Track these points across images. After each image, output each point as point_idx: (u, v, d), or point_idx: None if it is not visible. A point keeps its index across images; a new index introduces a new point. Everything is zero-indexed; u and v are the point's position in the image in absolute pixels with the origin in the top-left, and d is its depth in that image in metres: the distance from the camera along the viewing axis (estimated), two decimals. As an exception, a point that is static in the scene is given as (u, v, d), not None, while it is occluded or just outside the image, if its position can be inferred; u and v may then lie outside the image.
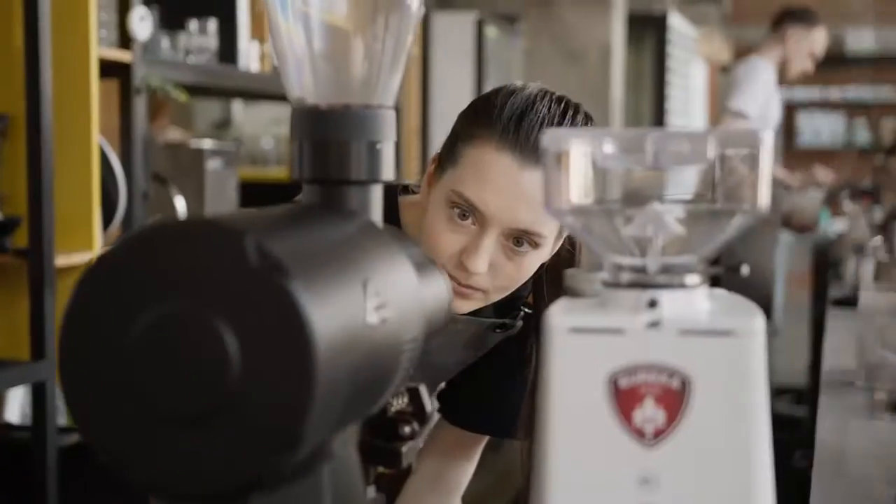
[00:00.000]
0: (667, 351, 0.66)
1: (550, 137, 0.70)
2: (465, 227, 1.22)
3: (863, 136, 9.83)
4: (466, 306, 1.26)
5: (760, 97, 4.39)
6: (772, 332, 5.61)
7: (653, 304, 0.68)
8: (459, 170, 1.22)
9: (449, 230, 1.23)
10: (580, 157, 0.70)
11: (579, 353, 0.67)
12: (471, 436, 1.50)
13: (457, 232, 1.23)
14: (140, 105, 2.55)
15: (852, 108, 9.83)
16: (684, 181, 0.73)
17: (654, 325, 0.67)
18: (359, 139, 0.79)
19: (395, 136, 0.81)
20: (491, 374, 1.43)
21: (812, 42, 4.47)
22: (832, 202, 9.15)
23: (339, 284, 0.64)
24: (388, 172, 0.80)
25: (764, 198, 0.68)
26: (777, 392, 5.46)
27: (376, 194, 0.80)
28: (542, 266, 1.28)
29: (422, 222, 1.28)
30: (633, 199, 0.72)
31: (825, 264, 4.71)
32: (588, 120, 1.28)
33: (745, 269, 0.71)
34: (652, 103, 7.31)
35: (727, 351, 0.66)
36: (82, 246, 2.37)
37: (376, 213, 0.80)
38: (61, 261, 2.29)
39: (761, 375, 0.67)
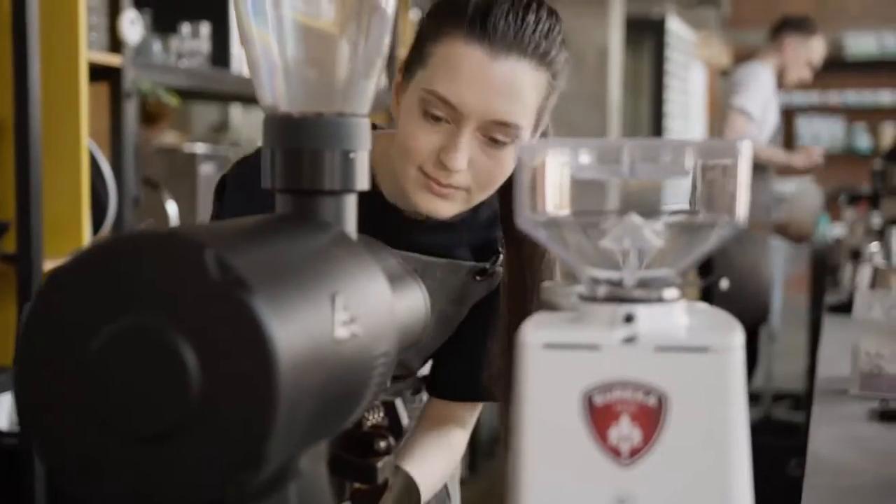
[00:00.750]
0: (643, 367, 0.64)
1: (525, 149, 0.68)
2: (440, 126, 1.21)
3: (863, 140, 9.80)
4: (449, 208, 1.25)
5: (760, 100, 4.39)
6: (770, 338, 5.59)
7: (629, 318, 0.66)
8: (429, 69, 1.21)
9: (423, 131, 1.22)
10: (556, 168, 0.68)
11: (553, 369, 0.65)
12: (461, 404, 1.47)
13: (432, 132, 1.21)
14: (130, 109, 2.53)
15: (852, 113, 9.80)
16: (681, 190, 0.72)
17: (630, 340, 0.65)
18: (332, 148, 0.77)
19: (369, 145, 0.80)
20: (472, 335, 1.42)
21: (810, 51, 4.47)
22: (831, 206, 9.14)
23: (304, 298, 0.62)
24: (362, 181, 0.79)
25: (743, 210, 0.66)
26: (775, 398, 5.44)
27: (350, 204, 0.79)
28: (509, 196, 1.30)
29: (391, 147, 1.28)
30: (629, 209, 0.70)
31: (823, 270, 4.69)
32: (553, 15, 1.27)
33: (724, 284, 0.69)
34: (651, 107, 7.29)
35: (705, 368, 0.64)
36: (72, 251, 2.35)
37: (350, 223, 0.78)
38: (50, 266, 2.27)
39: (740, 392, 0.65)
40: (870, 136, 9.75)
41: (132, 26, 2.50)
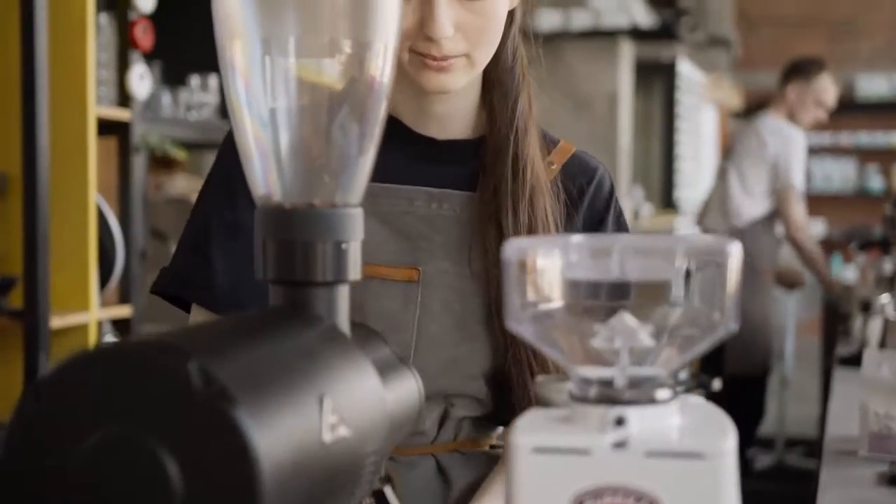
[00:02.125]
0: (634, 473, 0.64)
1: (513, 248, 0.67)
2: (414, 0, 1.13)
3: (875, 181, 9.78)
4: (455, 79, 1.17)
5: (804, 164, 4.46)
6: (782, 383, 5.56)
7: (620, 421, 0.65)
8: None
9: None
10: (544, 266, 0.68)
11: (544, 473, 0.65)
12: None
13: (407, 9, 1.14)
14: (138, 163, 2.54)
15: (864, 154, 9.79)
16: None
17: (621, 445, 0.64)
18: (324, 240, 0.77)
19: (362, 234, 0.79)
20: None
21: (816, 92, 4.46)
22: (843, 248, 9.10)
23: (291, 404, 0.62)
24: (354, 272, 0.78)
25: (733, 312, 0.65)
26: (788, 444, 5.40)
27: (343, 295, 0.78)
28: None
29: None
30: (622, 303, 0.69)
31: (834, 317, 4.66)
32: None
33: (716, 384, 0.68)
34: (661, 149, 7.29)
35: (697, 474, 0.63)
36: (78, 306, 2.35)
37: (342, 314, 0.78)
38: (57, 322, 2.27)
39: (733, 498, 0.64)
40: (882, 177, 9.74)
41: (141, 81, 2.52)
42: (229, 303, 1.19)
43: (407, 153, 1.25)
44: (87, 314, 2.38)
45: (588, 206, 1.28)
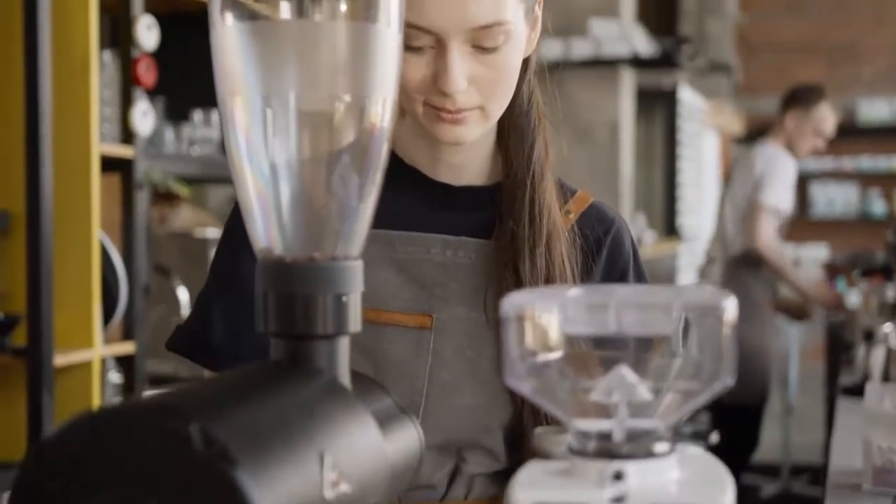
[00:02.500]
0: (633, 528, 0.64)
1: (510, 303, 0.68)
2: (426, 55, 1.13)
3: (878, 205, 9.79)
4: (469, 131, 1.16)
5: (787, 192, 4.42)
6: (787, 410, 5.54)
7: (618, 476, 0.65)
8: None
9: (412, 65, 1.13)
10: (542, 321, 0.68)
11: (543, 528, 0.65)
12: None
13: (421, 63, 1.13)
14: (142, 200, 2.55)
15: (866, 178, 9.80)
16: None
17: (620, 500, 0.64)
18: (325, 292, 0.77)
19: (362, 286, 0.80)
20: None
21: (815, 121, 4.47)
22: (847, 273, 9.09)
23: (292, 463, 0.62)
24: (355, 324, 0.79)
25: (730, 365, 0.66)
26: (793, 471, 5.38)
27: (343, 347, 0.79)
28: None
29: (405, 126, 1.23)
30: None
31: (838, 344, 4.66)
32: None
33: (714, 437, 0.69)
34: (663, 177, 7.31)
35: (695, 528, 0.64)
36: (82, 344, 2.36)
37: (343, 366, 0.78)
38: (60, 360, 2.28)
39: (732, 552, 0.65)
40: (884, 201, 9.74)
41: (144, 118, 2.53)
42: (229, 359, 1.19)
43: (423, 200, 1.24)
44: (91, 351, 2.38)
45: (607, 259, 1.26)
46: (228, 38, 0.76)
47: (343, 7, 0.77)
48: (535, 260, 1.18)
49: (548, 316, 0.68)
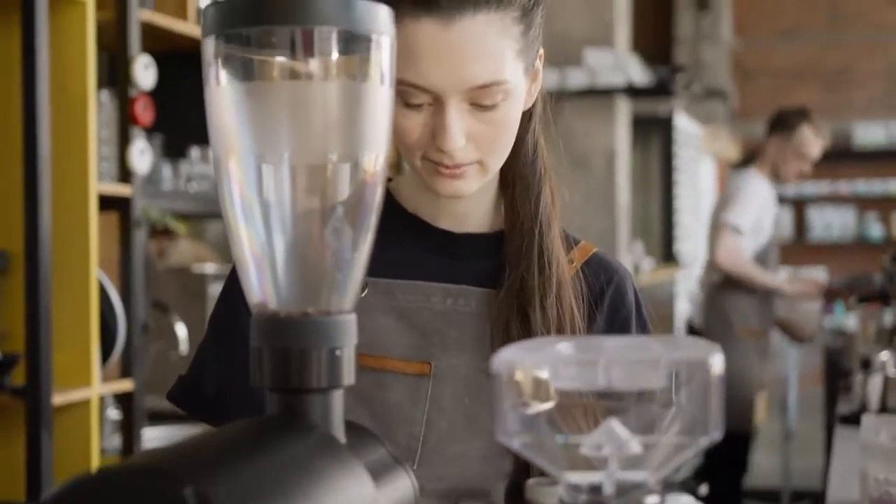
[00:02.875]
0: (623, 581, 0.65)
1: (501, 360, 0.69)
2: (424, 111, 1.13)
3: (875, 229, 9.82)
4: (468, 185, 1.16)
5: (754, 211, 4.34)
6: (787, 436, 5.54)
7: (609, 529, 0.66)
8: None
9: (410, 121, 1.14)
10: (533, 377, 0.69)
11: (535, 582, 0.66)
12: None
13: (419, 120, 1.13)
14: (139, 238, 2.56)
15: (863, 202, 9.84)
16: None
17: (611, 554, 0.65)
18: (319, 347, 0.79)
19: (356, 340, 0.81)
20: None
21: (795, 145, 4.46)
22: (845, 297, 9.09)
23: (286, 522, 0.63)
24: (349, 377, 0.80)
25: (717, 424, 0.67)
26: (794, 497, 5.37)
27: (337, 400, 0.80)
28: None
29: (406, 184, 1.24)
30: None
31: (836, 370, 4.66)
32: None
33: (703, 490, 0.70)
34: (660, 203, 7.33)
35: (685, 582, 0.65)
36: (81, 382, 2.37)
37: (337, 419, 0.79)
38: (59, 399, 2.28)
39: None
40: (882, 224, 9.78)
41: (141, 156, 2.55)
42: (223, 413, 1.20)
43: (424, 247, 1.25)
44: (90, 390, 2.39)
45: (609, 308, 1.26)
46: (223, 98, 0.78)
47: (335, 66, 0.78)
48: (546, 310, 1.19)
49: (538, 372, 0.69)
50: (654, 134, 7.09)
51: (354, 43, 0.78)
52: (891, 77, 9.71)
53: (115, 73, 2.62)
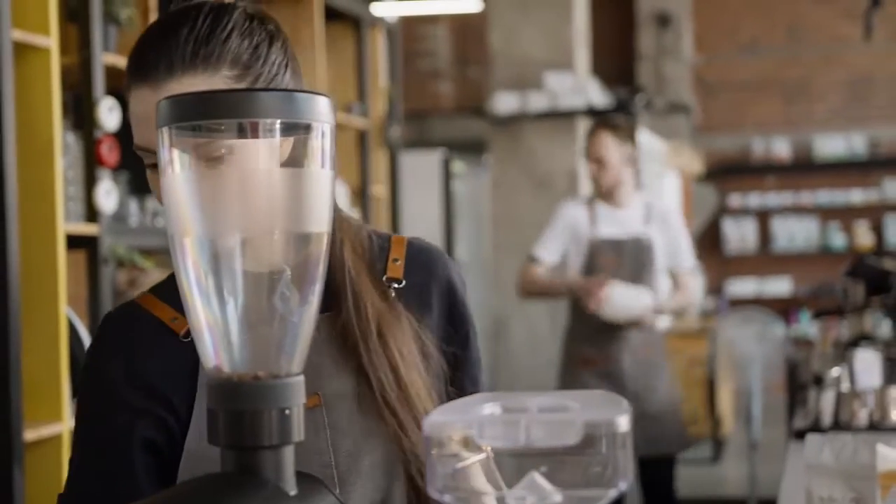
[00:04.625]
0: None
1: (432, 425, 0.77)
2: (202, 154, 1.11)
3: (837, 238, 9.97)
4: None
5: (558, 241, 4.09)
6: (751, 446, 5.64)
7: (531, 575, 0.74)
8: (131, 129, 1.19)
9: (154, 181, 1.18)
10: (460, 438, 0.77)
11: None
12: None
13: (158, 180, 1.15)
14: (107, 275, 2.62)
15: (825, 212, 10.00)
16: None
17: None
18: (270, 407, 0.86)
19: (304, 399, 0.88)
20: None
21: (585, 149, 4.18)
22: (810, 304, 9.20)
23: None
24: (298, 433, 0.87)
25: (626, 475, 0.75)
26: (760, 506, 5.46)
27: (288, 455, 0.87)
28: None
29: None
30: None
31: (797, 381, 4.76)
32: (213, 15, 1.18)
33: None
34: (625, 219, 7.42)
35: None
36: (52, 418, 2.42)
37: (288, 473, 0.87)
38: (30, 435, 2.33)
39: None
40: (844, 234, 9.93)
41: (108, 196, 2.61)
42: None
43: None
44: (60, 425, 2.44)
45: (438, 298, 1.31)
46: (176, 185, 0.85)
47: (279, 153, 0.86)
48: (371, 349, 1.23)
49: (465, 432, 0.77)
50: (617, 151, 7.18)
51: (296, 131, 0.85)
52: (850, 89, 9.89)
53: (80, 116, 2.68)
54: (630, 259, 4.01)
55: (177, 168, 0.85)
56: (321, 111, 0.86)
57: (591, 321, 3.95)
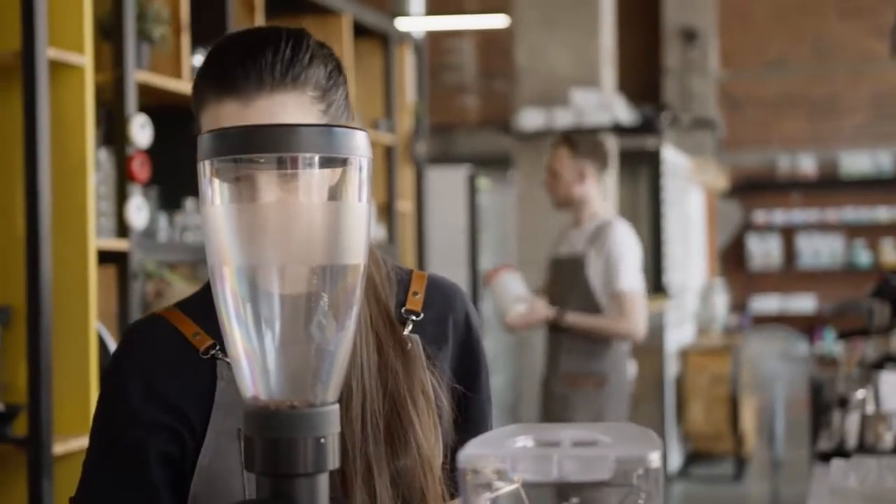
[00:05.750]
0: None
1: (467, 457, 0.78)
2: (241, 186, 1.04)
3: (862, 256, 9.92)
4: None
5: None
6: (774, 465, 5.63)
7: None
8: None
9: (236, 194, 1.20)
10: (493, 471, 0.78)
11: None
12: None
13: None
14: (136, 290, 2.65)
15: (851, 230, 9.95)
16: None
17: None
18: (305, 436, 0.87)
19: (338, 428, 0.90)
20: None
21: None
22: (835, 324, 9.16)
23: None
24: (333, 461, 0.89)
25: (657, 509, 0.76)
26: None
27: (323, 483, 0.88)
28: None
29: None
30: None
31: (820, 400, 4.74)
32: (293, 39, 1.21)
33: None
34: (649, 234, 7.42)
35: None
36: (81, 432, 2.45)
37: (322, 500, 0.88)
38: (60, 448, 2.36)
39: None
40: (869, 251, 9.88)
41: (139, 212, 2.64)
42: None
43: None
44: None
45: (454, 331, 1.33)
46: (217, 216, 0.87)
47: (318, 187, 0.87)
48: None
49: (499, 466, 0.78)
50: (642, 167, 7.19)
51: (334, 165, 0.87)
52: (876, 106, 9.84)
53: (112, 133, 2.72)
54: (564, 277, 3.97)
55: (216, 200, 0.87)
56: (359, 145, 0.88)
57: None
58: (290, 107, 1.19)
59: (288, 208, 0.90)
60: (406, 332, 1.28)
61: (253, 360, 0.89)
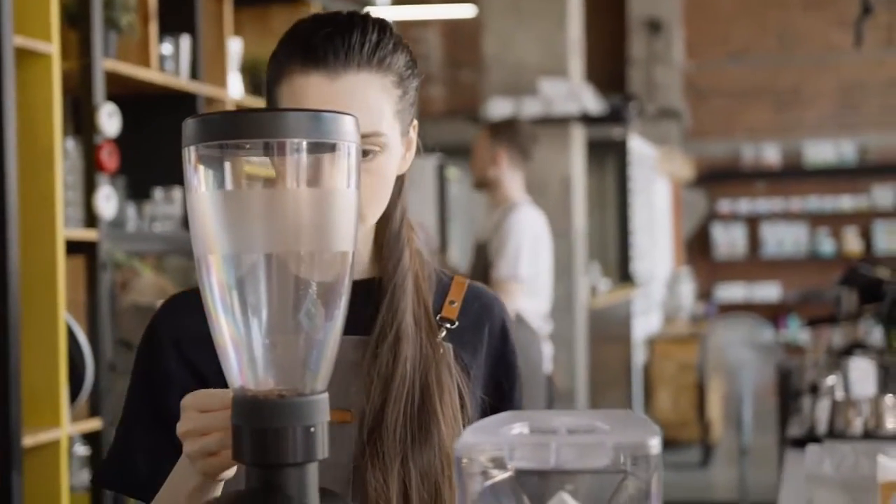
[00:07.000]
0: None
1: (463, 446, 0.77)
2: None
3: (826, 244, 10.00)
4: None
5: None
6: (742, 452, 5.66)
7: None
8: None
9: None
10: (491, 458, 0.77)
11: None
12: None
13: None
14: (105, 280, 2.62)
15: (814, 218, 10.02)
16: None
17: None
18: (294, 425, 0.86)
19: (328, 416, 0.88)
20: None
21: None
22: (800, 309, 9.23)
23: None
24: (322, 451, 0.87)
25: (657, 497, 0.75)
26: (751, 512, 5.47)
27: (312, 472, 0.87)
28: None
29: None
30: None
31: (788, 387, 4.76)
32: (378, 26, 1.25)
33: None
34: (616, 224, 7.44)
35: None
36: (50, 423, 2.42)
37: (312, 490, 0.87)
38: (29, 440, 2.33)
39: None
40: (833, 240, 9.97)
41: (107, 202, 2.61)
42: (155, 491, 1.19)
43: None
44: (59, 430, 2.44)
45: (489, 339, 1.33)
46: (202, 203, 0.85)
47: (305, 172, 0.86)
48: (379, 357, 1.24)
49: (496, 454, 0.77)
50: (609, 157, 7.21)
51: (322, 151, 0.86)
52: (839, 96, 9.92)
53: (79, 121, 2.68)
54: (477, 262, 3.99)
55: (202, 187, 0.85)
56: (347, 131, 0.86)
57: None
58: (375, 86, 1.21)
59: (275, 195, 0.88)
60: (440, 338, 1.28)
61: (241, 349, 0.87)
